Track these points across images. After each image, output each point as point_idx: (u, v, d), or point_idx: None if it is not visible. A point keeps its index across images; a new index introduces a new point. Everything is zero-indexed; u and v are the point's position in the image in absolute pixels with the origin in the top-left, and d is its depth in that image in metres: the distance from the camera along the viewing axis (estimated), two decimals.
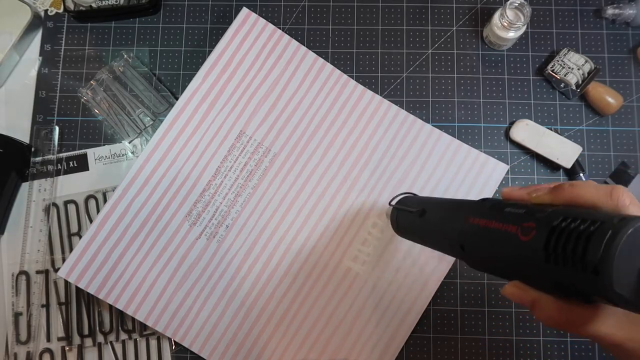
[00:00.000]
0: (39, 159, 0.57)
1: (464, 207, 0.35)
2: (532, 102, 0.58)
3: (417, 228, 0.43)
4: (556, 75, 0.56)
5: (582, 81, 0.55)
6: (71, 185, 0.57)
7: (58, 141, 0.57)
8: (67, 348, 0.54)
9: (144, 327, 0.54)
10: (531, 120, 0.56)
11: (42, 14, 0.60)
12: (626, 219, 0.23)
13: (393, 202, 0.48)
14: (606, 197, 0.26)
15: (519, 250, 0.27)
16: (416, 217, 0.42)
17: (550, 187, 0.29)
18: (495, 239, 0.30)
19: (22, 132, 0.58)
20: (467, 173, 0.55)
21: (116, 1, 0.57)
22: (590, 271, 0.23)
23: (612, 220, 0.23)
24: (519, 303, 0.29)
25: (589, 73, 0.56)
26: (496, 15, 0.55)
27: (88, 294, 0.52)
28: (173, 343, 0.54)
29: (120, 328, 0.54)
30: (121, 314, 0.54)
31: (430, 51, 0.59)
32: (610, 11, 0.57)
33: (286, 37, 0.57)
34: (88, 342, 0.54)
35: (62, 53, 0.59)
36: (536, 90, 0.58)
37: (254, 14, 0.57)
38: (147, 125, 0.58)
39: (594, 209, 0.27)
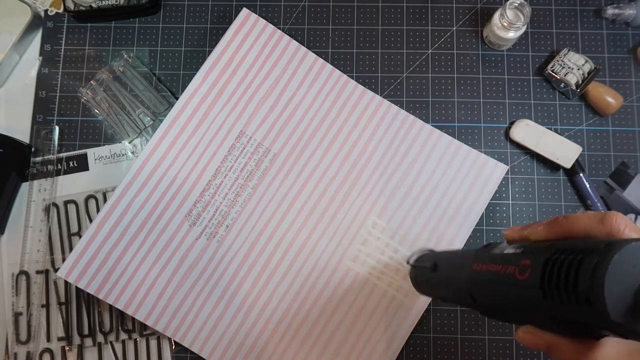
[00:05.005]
0: (39, 159, 0.57)
1: (469, 255, 0.35)
2: (532, 102, 0.58)
3: (431, 283, 0.43)
4: (556, 75, 0.56)
5: (582, 81, 0.55)
6: (71, 185, 0.57)
7: (58, 141, 0.57)
8: (67, 348, 0.54)
9: (144, 327, 0.54)
10: (531, 120, 0.56)
11: (42, 14, 0.60)
12: (613, 243, 0.22)
13: (411, 261, 0.49)
14: (599, 225, 0.26)
15: (518, 291, 0.27)
16: (429, 272, 0.42)
17: (547, 222, 0.29)
18: (497, 282, 0.29)
19: (22, 132, 0.58)
20: (467, 173, 0.55)
21: (116, 1, 0.57)
22: (584, 303, 0.22)
23: (599, 246, 0.22)
24: (533, 349, 0.29)
25: (589, 73, 0.56)
26: (496, 15, 0.55)
27: (88, 293, 0.52)
28: (173, 343, 0.54)
29: (120, 328, 0.54)
30: (121, 314, 0.54)
31: (430, 51, 0.59)
32: (610, 11, 0.57)
33: (286, 37, 0.57)
34: (88, 342, 0.54)
35: (62, 53, 0.59)
36: (536, 90, 0.58)
37: (254, 14, 0.57)
38: (147, 125, 0.58)
39: (589, 239, 0.26)
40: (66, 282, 0.54)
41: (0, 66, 0.57)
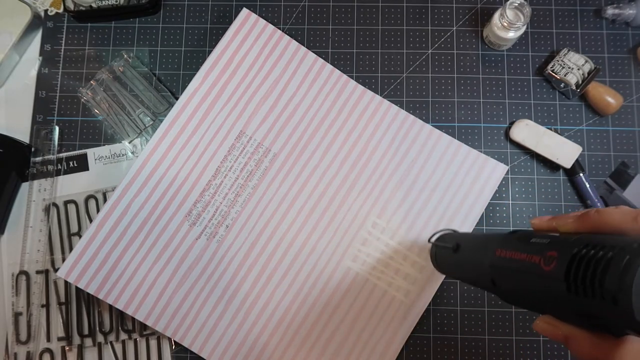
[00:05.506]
0: (39, 159, 0.57)
1: (493, 240, 0.34)
2: (532, 102, 0.58)
3: (452, 263, 0.43)
4: (556, 75, 0.56)
5: (582, 81, 0.55)
6: (71, 185, 0.57)
7: (58, 141, 0.57)
8: (67, 348, 0.54)
9: (144, 327, 0.54)
10: (531, 120, 0.56)
11: (42, 14, 0.60)
12: None
13: (433, 239, 0.49)
14: (632, 222, 0.25)
15: (542, 281, 0.27)
16: (451, 253, 0.42)
17: (578, 215, 0.28)
18: (521, 270, 0.29)
19: (22, 132, 0.58)
20: (467, 173, 0.55)
21: (116, 1, 0.57)
22: (610, 300, 0.22)
23: (632, 245, 0.22)
24: (550, 338, 0.29)
25: (589, 73, 0.56)
26: (496, 15, 0.55)
27: (88, 293, 0.52)
28: (173, 343, 0.54)
29: (120, 328, 0.54)
30: (121, 314, 0.54)
31: (430, 51, 0.59)
32: (610, 11, 0.57)
33: (286, 37, 0.57)
34: (88, 342, 0.54)
35: (62, 53, 0.59)
36: (536, 90, 0.58)
37: (254, 14, 0.57)
38: (147, 125, 0.58)
39: (620, 235, 0.25)
40: (66, 282, 0.54)
41: (0, 66, 0.57)
